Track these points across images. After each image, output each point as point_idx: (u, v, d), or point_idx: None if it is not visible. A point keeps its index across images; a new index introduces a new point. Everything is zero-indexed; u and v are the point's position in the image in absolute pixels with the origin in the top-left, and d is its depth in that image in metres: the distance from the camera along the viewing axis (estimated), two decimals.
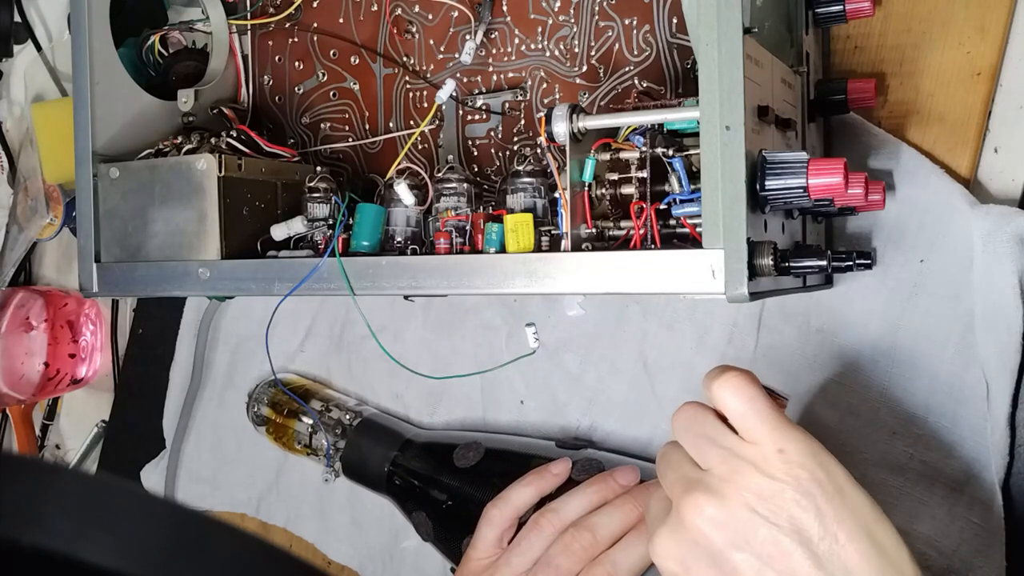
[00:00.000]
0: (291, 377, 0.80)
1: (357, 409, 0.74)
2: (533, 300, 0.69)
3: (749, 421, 0.42)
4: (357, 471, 0.71)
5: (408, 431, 0.72)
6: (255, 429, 0.79)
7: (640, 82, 0.59)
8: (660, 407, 0.64)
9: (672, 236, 0.50)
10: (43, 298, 0.92)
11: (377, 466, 0.69)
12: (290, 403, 0.76)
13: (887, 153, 0.57)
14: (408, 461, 0.68)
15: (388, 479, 0.69)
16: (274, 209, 0.63)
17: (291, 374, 0.80)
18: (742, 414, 0.42)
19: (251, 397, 0.80)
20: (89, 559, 0.19)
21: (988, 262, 0.53)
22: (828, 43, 0.60)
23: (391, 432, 0.71)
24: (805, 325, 0.59)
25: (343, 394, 0.78)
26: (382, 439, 0.71)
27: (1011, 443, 0.54)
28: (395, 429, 0.72)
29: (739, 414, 0.42)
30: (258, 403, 0.79)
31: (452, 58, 0.65)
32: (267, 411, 0.78)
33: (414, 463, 0.68)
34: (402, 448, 0.69)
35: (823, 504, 0.39)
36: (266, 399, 0.78)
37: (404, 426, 0.73)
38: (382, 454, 0.69)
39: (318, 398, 0.76)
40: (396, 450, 0.69)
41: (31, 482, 0.20)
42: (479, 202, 0.60)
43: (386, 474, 0.69)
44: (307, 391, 0.77)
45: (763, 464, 0.40)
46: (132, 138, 0.64)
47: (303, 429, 0.75)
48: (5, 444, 1.00)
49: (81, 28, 0.62)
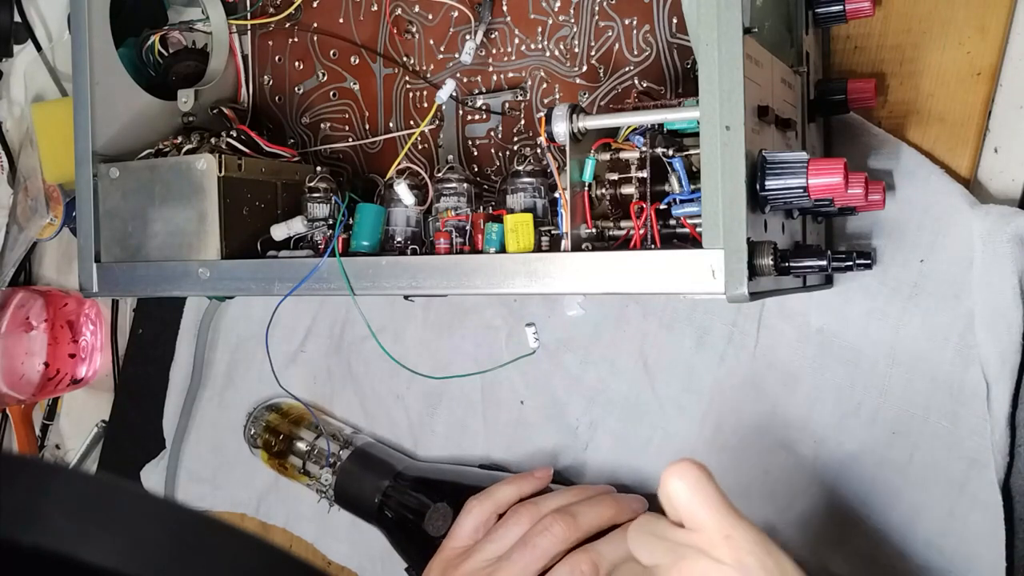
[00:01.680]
0: (288, 402, 0.80)
1: (351, 438, 0.75)
2: (533, 300, 0.69)
3: (695, 507, 0.41)
4: (349, 500, 0.72)
5: (400, 462, 0.72)
6: (251, 452, 0.79)
7: (640, 82, 0.59)
8: (660, 407, 0.64)
9: (672, 236, 0.50)
10: (43, 298, 0.92)
11: (369, 496, 0.70)
12: (287, 428, 0.76)
13: (887, 153, 0.57)
14: (399, 493, 0.69)
15: (379, 510, 0.69)
16: (274, 209, 0.63)
17: (289, 399, 0.80)
18: (687, 500, 0.41)
19: (249, 418, 0.80)
20: (89, 559, 0.19)
21: (988, 262, 0.53)
22: (828, 43, 0.60)
23: (384, 463, 0.72)
24: (805, 325, 0.59)
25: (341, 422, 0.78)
26: (375, 469, 0.71)
27: (1011, 443, 0.54)
28: (388, 460, 0.72)
29: (684, 500, 0.41)
30: (255, 426, 0.79)
31: (452, 58, 0.65)
32: (264, 435, 0.78)
33: (404, 497, 0.68)
34: (395, 479, 0.69)
35: None
36: (263, 422, 0.78)
37: (398, 457, 0.73)
38: (374, 484, 0.70)
39: (314, 425, 0.76)
40: (388, 481, 0.69)
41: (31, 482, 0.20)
42: (479, 202, 0.60)
43: (377, 505, 0.69)
44: (302, 418, 0.77)
45: (709, 549, 0.40)
46: (132, 138, 0.64)
47: (298, 456, 0.75)
48: (5, 444, 1.00)
49: (81, 28, 0.62)
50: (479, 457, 0.72)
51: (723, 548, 0.39)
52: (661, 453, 0.64)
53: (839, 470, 0.57)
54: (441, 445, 0.73)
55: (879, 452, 0.57)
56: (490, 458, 0.71)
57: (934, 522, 0.55)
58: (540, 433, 0.69)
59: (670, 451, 0.63)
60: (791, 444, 0.59)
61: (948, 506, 0.55)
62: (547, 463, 0.68)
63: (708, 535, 0.40)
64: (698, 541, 0.40)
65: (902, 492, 0.56)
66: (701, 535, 0.40)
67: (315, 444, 0.74)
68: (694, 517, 0.41)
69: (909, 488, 0.56)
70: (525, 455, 0.69)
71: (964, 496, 0.54)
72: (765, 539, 0.40)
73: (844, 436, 0.58)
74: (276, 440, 0.77)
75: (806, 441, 0.59)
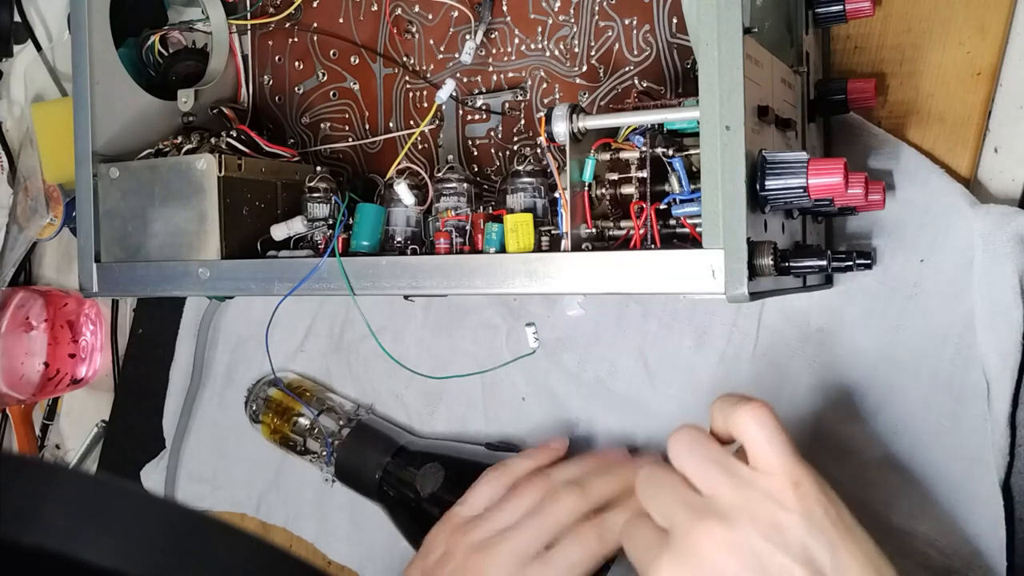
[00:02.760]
0: (292, 376, 0.79)
1: (354, 413, 0.74)
2: (533, 300, 0.69)
3: (769, 453, 0.42)
4: (349, 476, 0.71)
5: (402, 438, 0.71)
6: (251, 426, 0.79)
7: (640, 82, 0.59)
8: (660, 407, 0.64)
9: (672, 236, 0.50)
10: (43, 298, 0.92)
11: (370, 472, 0.69)
12: (288, 402, 0.76)
13: (887, 153, 0.57)
14: (399, 469, 0.68)
15: (379, 486, 0.69)
16: (274, 209, 0.63)
17: (292, 373, 0.80)
18: (762, 445, 0.42)
19: (250, 393, 0.80)
20: (89, 559, 0.19)
21: (988, 262, 0.53)
22: (828, 43, 0.60)
23: (385, 438, 0.71)
24: (805, 325, 0.59)
25: (343, 398, 0.78)
26: (376, 445, 0.70)
27: (1011, 443, 0.54)
28: (389, 435, 0.71)
29: (759, 444, 0.43)
30: (256, 400, 0.78)
31: (452, 58, 0.65)
32: (264, 409, 0.77)
33: (405, 472, 0.68)
34: (395, 455, 0.69)
35: (835, 539, 0.40)
36: (264, 397, 0.78)
37: (399, 432, 0.73)
38: (375, 460, 0.69)
39: (316, 400, 0.76)
40: (389, 457, 0.69)
41: (31, 482, 0.20)
42: (479, 202, 0.60)
43: (377, 481, 0.69)
44: (306, 392, 0.77)
45: (779, 495, 0.41)
46: (132, 138, 0.64)
47: (299, 430, 0.75)
48: (5, 444, 1.00)
49: (81, 28, 0.62)
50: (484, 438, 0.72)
51: (791, 496, 0.41)
52: None
53: (838, 470, 0.57)
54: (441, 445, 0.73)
55: (879, 452, 0.57)
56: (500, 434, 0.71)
57: (934, 522, 0.55)
58: (540, 431, 0.69)
59: None
60: None
61: (948, 506, 0.55)
62: None
63: (778, 480, 0.41)
64: (767, 485, 0.41)
65: (902, 492, 0.56)
66: (769, 479, 0.42)
67: (316, 422, 0.74)
68: (765, 461, 0.42)
69: (909, 488, 0.56)
70: None
71: (964, 496, 0.54)
72: (829, 490, 0.42)
73: (844, 436, 0.58)
74: (278, 417, 0.76)
75: (805, 441, 0.59)
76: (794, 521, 0.40)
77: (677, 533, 0.42)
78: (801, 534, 0.40)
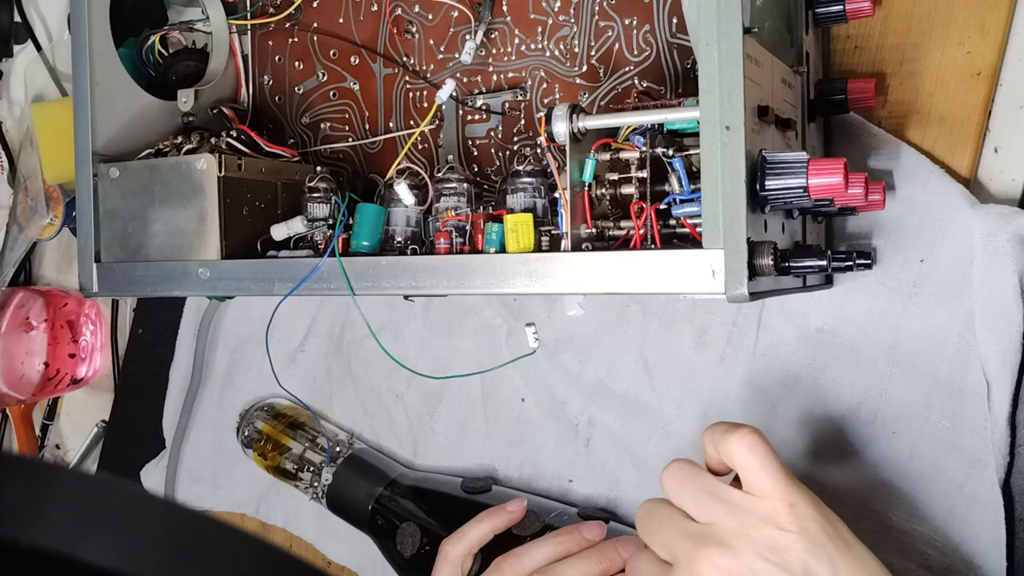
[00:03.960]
0: (284, 403, 0.80)
1: (347, 443, 0.75)
2: (533, 300, 0.69)
3: (763, 477, 0.43)
4: (341, 507, 0.72)
5: (394, 470, 0.72)
6: (243, 451, 0.79)
7: (640, 82, 0.59)
8: (660, 406, 0.64)
9: (672, 236, 0.50)
10: (43, 298, 0.92)
11: (361, 503, 0.70)
12: (277, 435, 0.76)
13: (887, 153, 0.57)
14: (391, 502, 0.69)
15: (371, 517, 0.69)
16: (274, 209, 0.63)
17: (285, 400, 0.80)
18: (755, 470, 0.43)
19: (242, 419, 0.80)
20: (89, 559, 0.19)
21: (988, 262, 0.53)
22: (828, 43, 0.60)
23: (377, 470, 0.71)
24: (805, 325, 0.59)
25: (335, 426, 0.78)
26: (368, 476, 0.71)
27: (1011, 443, 0.54)
28: (381, 468, 0.72)
29: (752, 470, 0.43)
30: (248, 426, 0.79)
31: (452, 58, 0.65)
32: (256, 436, 0.78)
33: (396, 505, 0.68)
34: (387, 487, 0.69)
35: (835, 555, 0.41)
36: (257, 423, 0.78)
37: (391, 464, 0.73)
38: (367, 491, 0.70)
39: (308, 428, 0.76)
40: (381, 488, 0.69)
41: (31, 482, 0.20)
42: (479, 202, 0.60)
43: (369, 512, 0.69)
44: (297, 421, 0.77)
45: (775, 517, 0.42)
46: (132, 138, 0.64)
47: (291, 459, 0.75)
48: (5, 444, 1.00)
49: (81, 28, 0.62)
50: (478, 464, 0.72)
51: (787, 516, 0.42)
52: (660, 452, 0.64)
53: (838, 470, 0.57)
54: (441, 445, 0.73)
55: (879, 452, 0.57)
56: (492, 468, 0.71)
57: (934, 522, 0.55)
58: (540, 431, 0.69)
59: (669, 450, 0.63)
60: (790, 444, 0.59)
61: (948, 506, 0.55)
62: (549, 461, 0.68)
63: (772, 503, 0.42)
64: (762, 508, 0.42)
65: (902, 492, 0.56)
66: (764, 503, 0.42)
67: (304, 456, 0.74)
68: (759, 485, 0.43)
69: (909, 488, 0.56)
70: (527, 452, 0.69)
71: (964, 496, 0.54)
72: (824, 507, 0.43)
73: (844, 436, 0.58)
74: (269, 448, 0.77)
75: (805, 441, 0.59)
76: (793, 540, 0.41)
77: (680, 564, 0.42)
78: (800, 553, 0.41)
